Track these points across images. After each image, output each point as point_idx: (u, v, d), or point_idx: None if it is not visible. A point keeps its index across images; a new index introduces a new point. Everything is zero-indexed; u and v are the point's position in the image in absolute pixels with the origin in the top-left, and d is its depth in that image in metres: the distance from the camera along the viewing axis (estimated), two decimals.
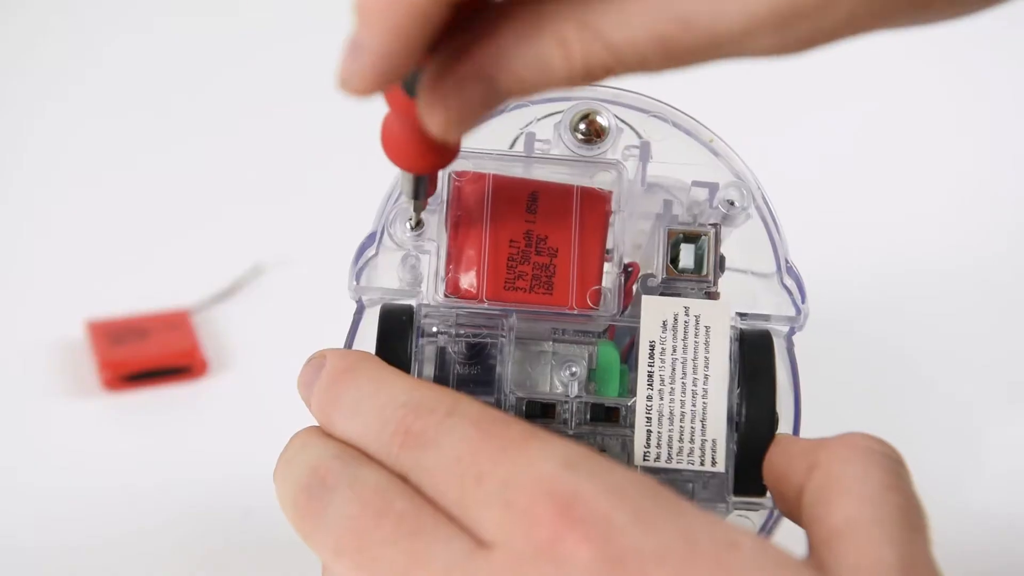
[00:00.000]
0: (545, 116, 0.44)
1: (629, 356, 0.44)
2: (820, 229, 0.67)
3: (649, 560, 0.34)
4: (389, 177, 0.45)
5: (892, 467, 0.38)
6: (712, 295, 0.43)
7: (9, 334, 0.71)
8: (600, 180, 0.43)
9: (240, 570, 0.57)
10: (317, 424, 0.41)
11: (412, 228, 0.43)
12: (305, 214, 0.79)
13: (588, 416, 0.43)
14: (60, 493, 0.61)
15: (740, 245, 0.44)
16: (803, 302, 0.44)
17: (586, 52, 0.34)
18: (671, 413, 0.42)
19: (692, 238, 0.43)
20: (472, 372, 0.43)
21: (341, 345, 0.44)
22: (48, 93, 0.88)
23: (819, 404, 0.45)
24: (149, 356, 0.68)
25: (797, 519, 0.39)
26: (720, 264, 0.43)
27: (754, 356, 0.42)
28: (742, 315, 0.44)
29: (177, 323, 0.70)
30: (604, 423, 0.43)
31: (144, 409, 0.66)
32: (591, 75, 0.34)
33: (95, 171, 0.82)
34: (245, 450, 0.62)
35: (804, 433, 0.44)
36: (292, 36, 0.92)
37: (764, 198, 0.44)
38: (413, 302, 0.43)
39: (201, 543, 0.58)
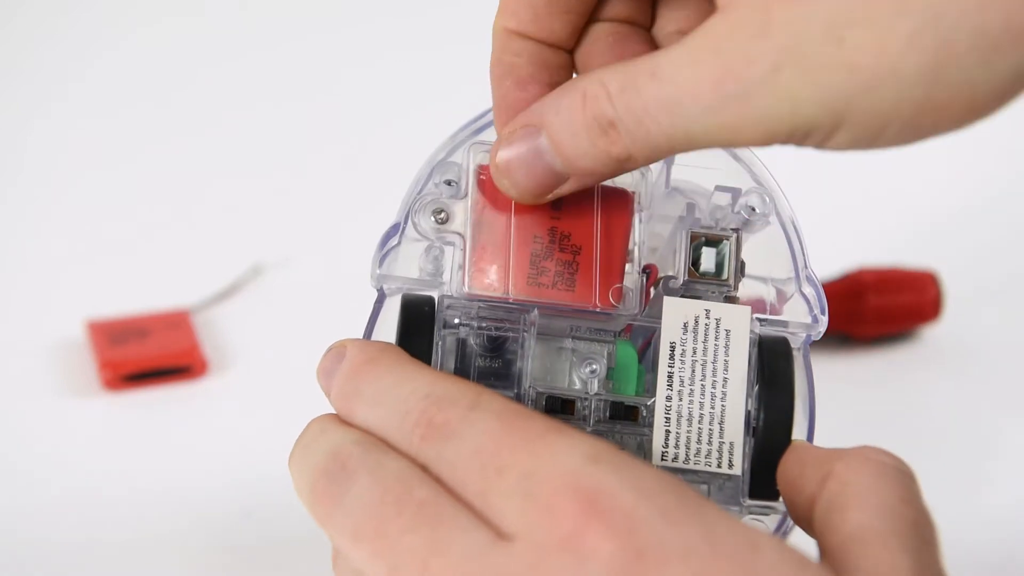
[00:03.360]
0: None
1: (644, 356, 0.44)
2: (817, 225, 0.67)
3: (672, 556, 0.34)
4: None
5: (906, 481, 0.38)
6: (732, 299, 0.43)
7: (9, 334, 0.71)
8: (624, 180, 0.43)
9: (240, 570, 0.57)
10: (334, 412, 0.41)
11: None
12: (305, 214, 0.79)
13: (607, 414, 0.43)
14: (60, 493, 0.61)
15: (760, 251, 0.44)
16: (823, 313, 0.44)
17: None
18: (690, 414, 0.42)
19: (713, 242, 0.43)
20: (492, 365, 0.43)
21: (355, 335, 0.44)
22: (48, 93, 0.89)
23: (824, 404, 0.45)
24: (149, 356, 0.68)
25: (807, 527, 0.40)
26: (740, 269, 0.44)
27: (772, 361, 0.43)
28: (761, 320, 0.44)
29: (177, 323, 0.70)
30: (623, 422, 0.43)
31: (144, 409, 0.66)
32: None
33: (95, 171, 0.82)
34: (245, 450, 0.62)
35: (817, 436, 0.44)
36: (292, 36, 0.93)
37: (788, 205, 0.45)
38: (435, 293, 0.43)
39: (201, 543, 0.58)
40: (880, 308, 0.68)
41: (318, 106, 0.88)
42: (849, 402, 0.65)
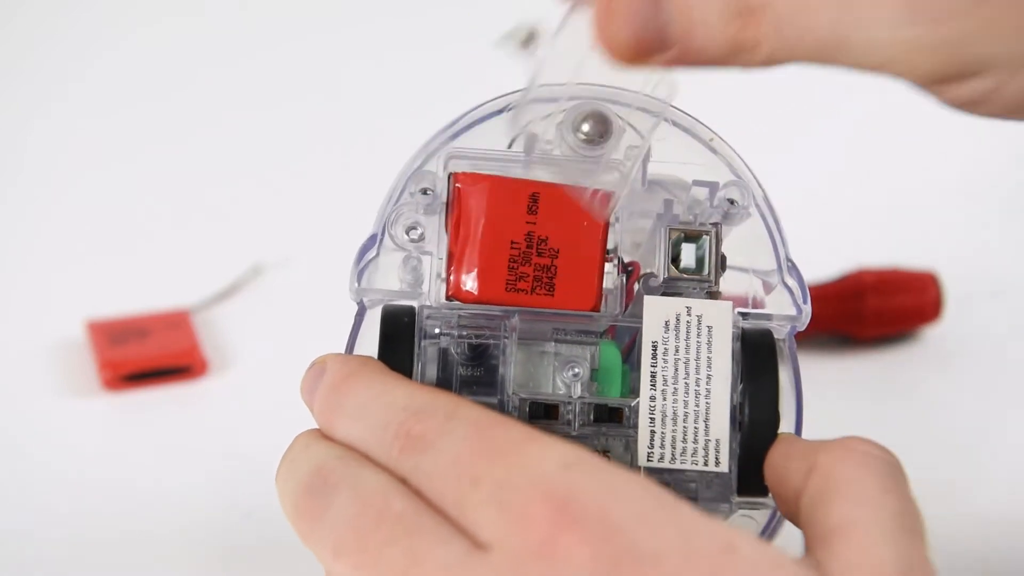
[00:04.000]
0: (546, 116, 0.44)
1: (630, 356, 0.44)
2: (816, 228, 0.67)
3: (646, 561, 0.34)
4: (391, 177, 0.45)
5: (890, 471, 0.38)
6: (713, 295, 0.43)
7: (9, 334, 0.71)
8: (608, 180, 0.43)
9: (240, 570, 0.57)
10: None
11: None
12: (305, 214, 0.80)
13: (592, 417, 0.43)
14: (60, 493, 0.61)
15: (740, 244, 0.44)
16: (805, 302, 0.44)
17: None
18: (674, 413, 0.42)
19: (693, 237, 0.43)
20: (475, 373, 0.43)
21: (342, 347, 0.44)
22: (47, 92, 0.89)
23: (818, 404, 0.45)
24: (149, 356, 0.68)
25: (795, 519, 0.40)
26: (721, 263, 0.43)
27: (756, 356, 0.43)
28: (744, 314, 0.44)
29: (177, 323, 0.70)
30: (608, 424, 0.43)
31: (144, 409, 0.66)
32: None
33: (95, 170, 0.83)
34: (245, 450, 0.62)
35: (805, 432, 0.44)
36: (292, 36, 0.93)
37: (764, 197, 0.44)
38: (415, 303, 0.43)
39: (201, 543, 0.58)
40: (880, 309, 0.68)
41: (318, 106, 0.88)
42: (849, 403, 0.65)
